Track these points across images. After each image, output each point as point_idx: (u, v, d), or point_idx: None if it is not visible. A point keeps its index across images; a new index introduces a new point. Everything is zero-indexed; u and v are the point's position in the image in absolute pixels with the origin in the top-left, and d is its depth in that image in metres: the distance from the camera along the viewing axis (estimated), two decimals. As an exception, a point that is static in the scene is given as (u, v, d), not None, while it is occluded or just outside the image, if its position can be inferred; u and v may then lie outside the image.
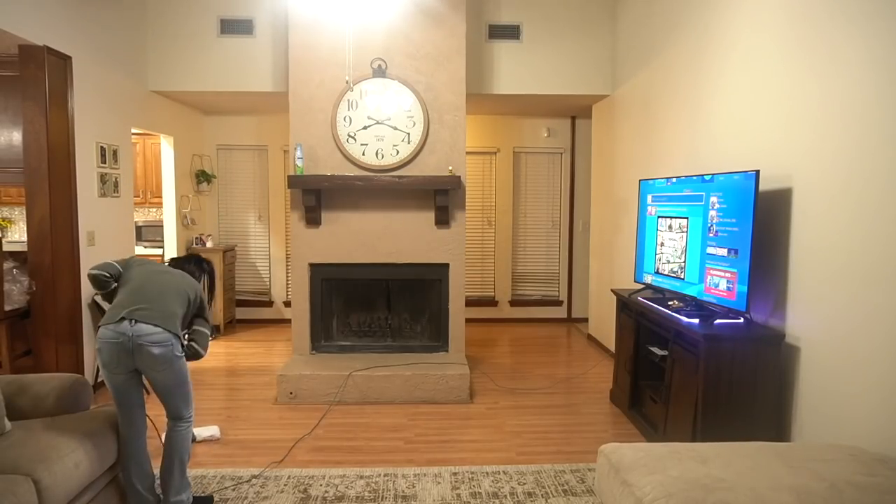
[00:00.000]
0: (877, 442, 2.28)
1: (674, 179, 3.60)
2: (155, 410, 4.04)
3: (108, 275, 2.55)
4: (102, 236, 4.44)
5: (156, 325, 2.43)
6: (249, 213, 6.67)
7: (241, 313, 6.64)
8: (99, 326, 2.46)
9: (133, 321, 2.40)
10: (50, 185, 3.79)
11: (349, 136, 4.57)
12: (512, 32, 5.28)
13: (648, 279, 3.87)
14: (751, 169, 2.91)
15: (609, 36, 5.35)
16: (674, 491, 1.82)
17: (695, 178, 3.36)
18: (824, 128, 2.63)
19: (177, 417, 2.64)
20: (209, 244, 6.11)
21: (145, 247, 6.07)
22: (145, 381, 2.59)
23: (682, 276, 3.47)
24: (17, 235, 6.46)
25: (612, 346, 4.67)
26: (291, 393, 4.13)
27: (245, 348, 5.65)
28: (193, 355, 2.66)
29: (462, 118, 4.64)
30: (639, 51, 4.78)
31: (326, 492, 2.87)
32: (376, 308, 4.94)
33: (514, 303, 6.86)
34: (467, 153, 4.87)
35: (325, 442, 3.50)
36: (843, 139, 2.51)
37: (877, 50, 2.34)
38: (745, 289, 2.88)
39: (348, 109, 4.57)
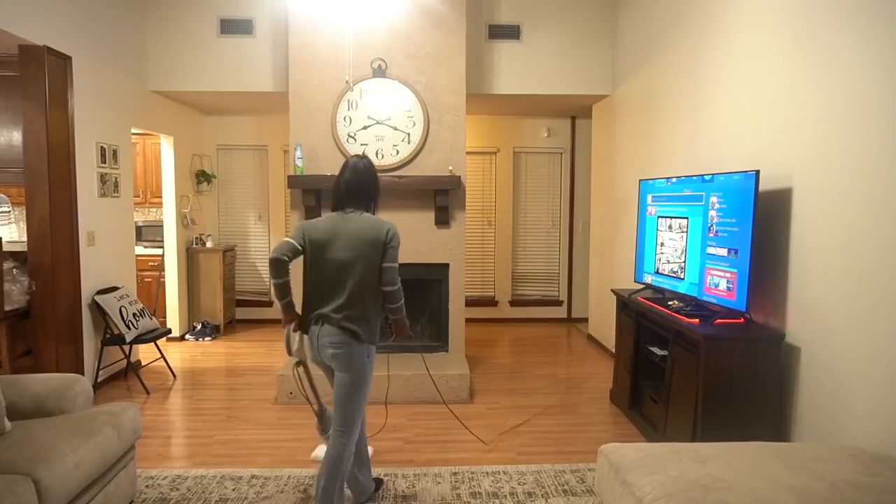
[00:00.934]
0: (876, 442, 2.28)
1: (674, 179, 3.60)
2: (156, 410, 4.05)
3: (287, 257, 2.41)
4: (102, 236, 4.44)
5: (334, 327, 2.41)
6: (249, 213, 6.67)
7: (241, 313, 6.64)
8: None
9: (321, 323, 2.44)
10: (50, 185, 3.79)
11: (349, 136, 4.57)
12: (512, 32, 5.28)
13: (648, 279, 3.87)
14: (751, 169, 2.91)
15: (609, 36, 5.35)
16: (674, 491, 1.82)
17: (695, 178, 3.36)
18: (824, 128, 2.63)
19: (337, 427, 2.48)
20: (209, 244, 6.11)
21: (145, 247, 6.06)
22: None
23: (682, 276, 3.47)
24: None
25: (612, 346, 4.66)
26: (291, 393, 4.13)
27: (245, 348, 5.64)
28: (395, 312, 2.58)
29: (462, 118, 4.64)
30: (639, 51, 4.78)
31: (326, 492, 2.87)
32: (376, 308, 4.93)
33: (514, 303, 6.86)
34: (467, 153, 4.87)
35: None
36: (843, 139, 2.51)
37: (876, 50, 2.34)
38: (745, 289, 2.88)
39: (348, 109, 4.57)
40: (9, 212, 4.62)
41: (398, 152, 4.59)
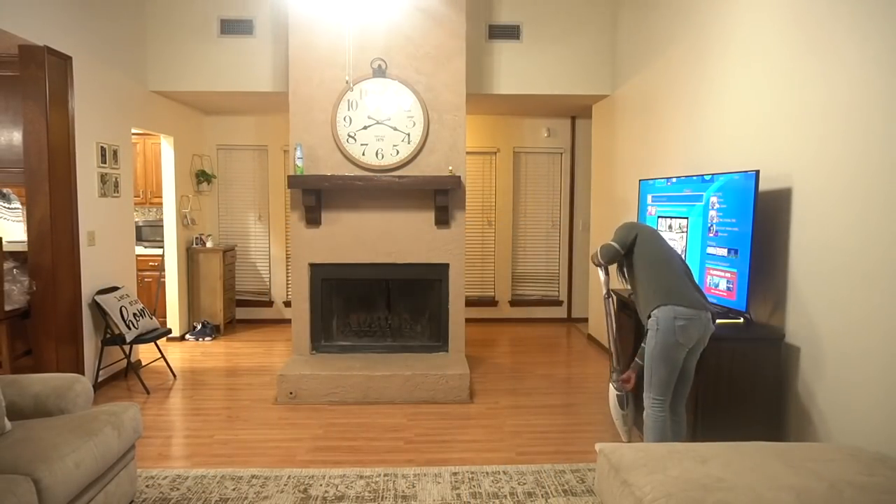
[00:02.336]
0: (876, 442, 2.28)
1: (674, 179, 3.60)
2: (156, 410, 4.05)
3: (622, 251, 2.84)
4: (102, 236, 4.44)
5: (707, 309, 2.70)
6: (249, 213, 6.67)
7: (241, 313, 6.64)
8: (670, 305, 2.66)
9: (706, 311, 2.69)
10: (50, 185, 3.79)
11: (349, 136, 4.58)
12: (512, 32, 5.28)
13: (648, 279, 3.87)
14: (751, 169, 2.91)
15: (609, 36, 5.35)
16: (674, 491, 1.82)
17: (695, 178, 3.37)
18: (825, 127, 2.63)
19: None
20: (209, 244, 6.11)
21: (145, 247, 6.06)
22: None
23: (682, 276, 3.47)
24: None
25: (612, 346, 4.66)
26: (291, 393, 4.13)
27: (245, 348, 5.65)
28: None
29: (462, 118, 4.64)
30: (639, 51, 4.78)
31: (326, 492, 2.87)
32: (376, 308, 4.94)
33: (514, 303, 6.86)
34: (467, 153, 4.87)
35: (325, 442, 3.50)
36: (844, 139, 2.51)
37: (878, 50, 2.34)
38: (745, 289, 2.88)
39: (348, 109, 4.57)
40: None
41: (398, 152, 4.59)
